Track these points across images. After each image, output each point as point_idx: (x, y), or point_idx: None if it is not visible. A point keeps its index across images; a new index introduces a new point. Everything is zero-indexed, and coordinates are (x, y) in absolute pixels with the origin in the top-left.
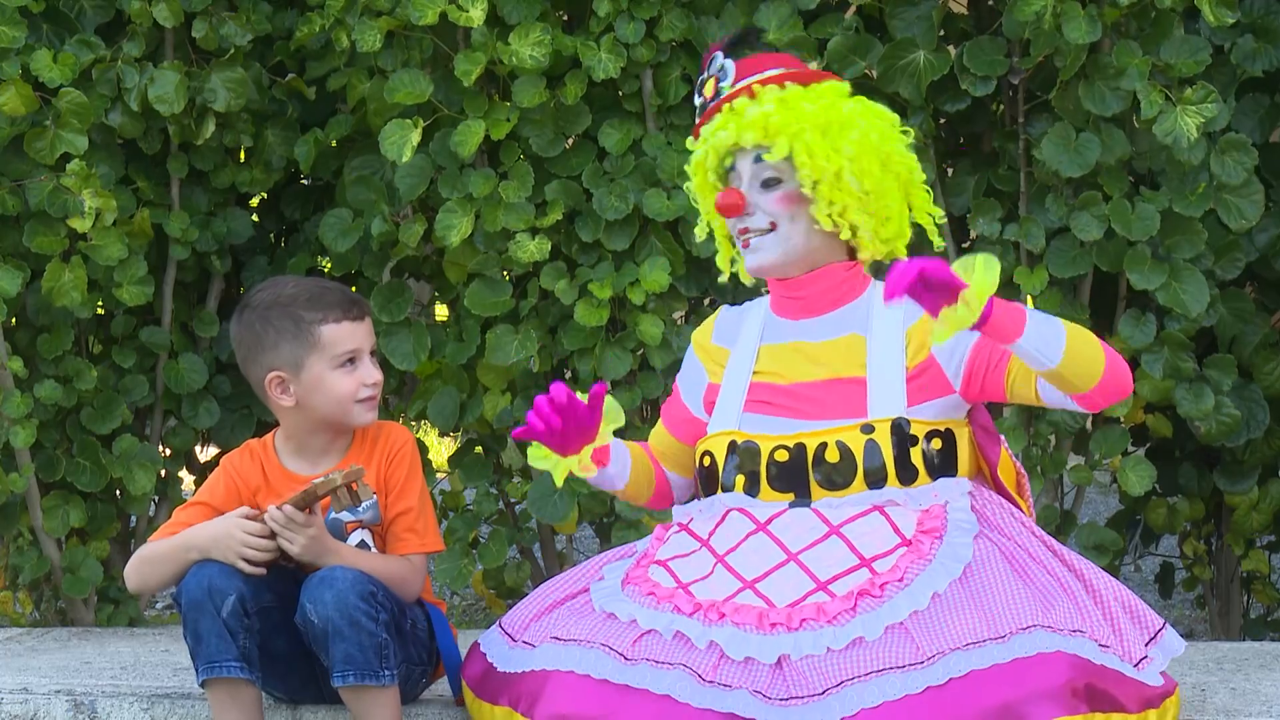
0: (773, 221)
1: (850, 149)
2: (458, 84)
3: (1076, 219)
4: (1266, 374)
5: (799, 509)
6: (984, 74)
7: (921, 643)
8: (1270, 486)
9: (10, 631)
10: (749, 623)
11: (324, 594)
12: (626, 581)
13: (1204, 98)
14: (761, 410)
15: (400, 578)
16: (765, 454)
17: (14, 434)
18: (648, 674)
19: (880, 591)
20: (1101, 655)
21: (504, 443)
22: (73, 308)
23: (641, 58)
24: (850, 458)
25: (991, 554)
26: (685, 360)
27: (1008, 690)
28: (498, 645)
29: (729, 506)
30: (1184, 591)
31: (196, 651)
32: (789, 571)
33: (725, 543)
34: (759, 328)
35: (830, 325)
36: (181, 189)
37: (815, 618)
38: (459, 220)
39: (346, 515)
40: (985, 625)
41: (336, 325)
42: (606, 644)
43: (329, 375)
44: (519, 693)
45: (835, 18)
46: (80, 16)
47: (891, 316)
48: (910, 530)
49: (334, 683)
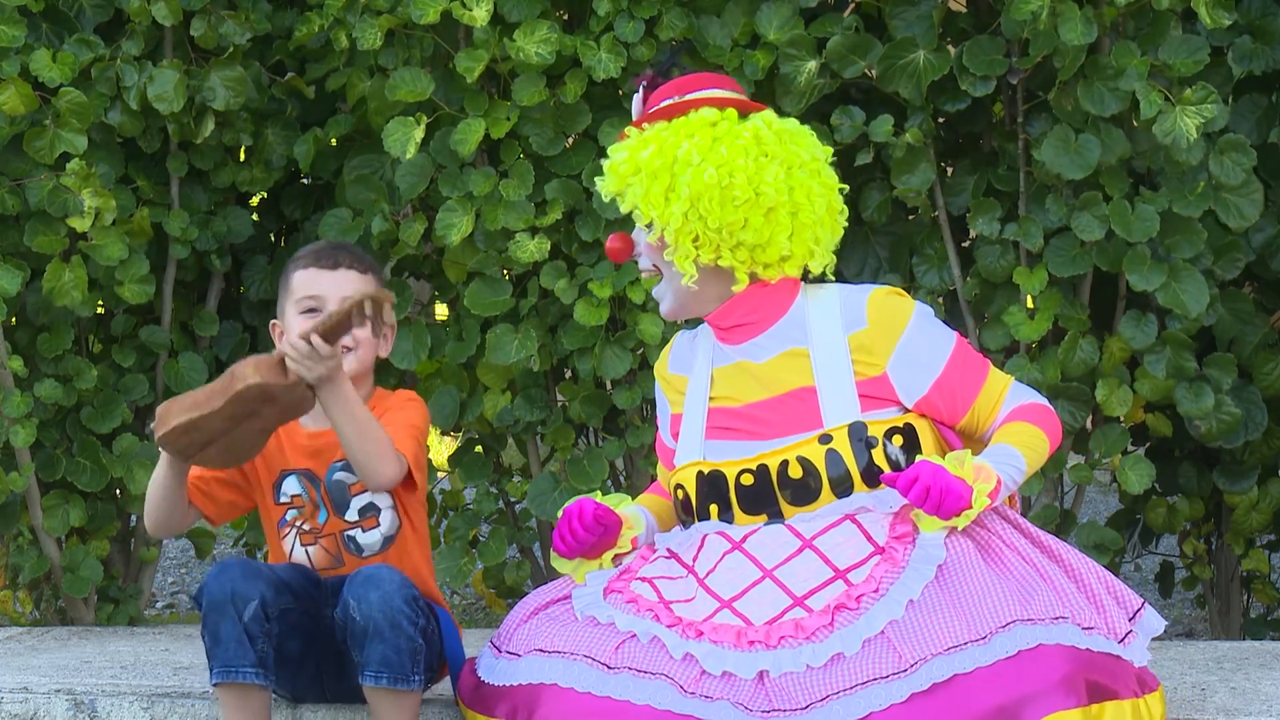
0: (655, 265)
1: (687, 190)
2: (458, 83)
3: (1078, 219)
4: (1266, 374)
5: (773, 525)
6: (983, 74)
7: (903, 650)
8: (1270, 486)
9: (10, 631)
10: (726, 640)
11: (369, 593)
12: (609, 590)
13: (1203, 98)
14: (722, 436)
15: (384, 447)
16: (731, 480)
17: (14, 433)
18: (630, 684)
19: (856, 604)
20: (1086, 639)
21: (504, 442)
22: (73, 307)
23: (642, 57)
24: (813, 471)
25: (965, 549)
26: (656, 394)
27: (996, 694)
28: (486, 658)
29: (705, 532)
30: (1184, 591)
31: (214, 653)
32: (765, 588)
33: (705, 565)
34: (710, 351)
35: (768, 344)
36: (181, 188)
37: (794, 635)
38: (459, 219)
39: (349, 476)
40: (965, 627)
41: (304, 271)
42: (589, 654)
43: (292, 321)
44: (514, 704)
45: (835, 17)
46: (79, 15)
47: (831, 325)
48: (883, 537)
49: (365, 682)
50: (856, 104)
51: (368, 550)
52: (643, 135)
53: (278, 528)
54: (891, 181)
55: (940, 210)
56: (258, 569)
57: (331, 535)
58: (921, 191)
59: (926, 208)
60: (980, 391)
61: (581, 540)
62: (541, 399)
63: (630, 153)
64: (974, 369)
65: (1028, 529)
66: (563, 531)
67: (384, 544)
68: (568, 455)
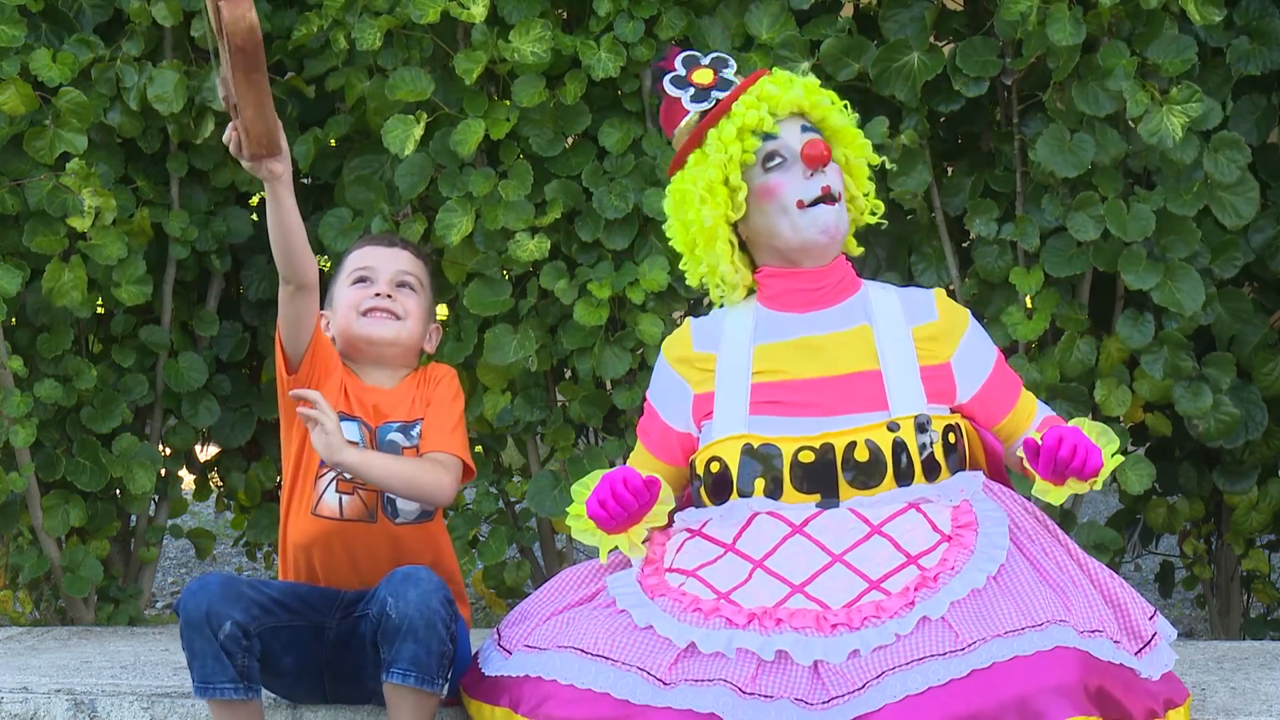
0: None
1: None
2: (457, 83)
3: (1073, 219)
4: (1265, 374)
5: (831, 509)
6: (976, 75)
7: (961, 631)
8: (1270, 486)
9: (10, 631)
10: (808, 626)
11: (408, 591)
12: (655, 593)
13: (1188, 97)
14: (771, 411)
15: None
16: (787, 456)
17: (14, 433)
18: (689, 694)
19: (934, 583)
20: (1115, 653)
21: (503, 442)
22: (72, 307)
23: (641, 57)
24: (879, 456)
25: (1013, 551)
26: (657, 380)
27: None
28: (494, 660)
29: (754, 510)
30: (1184, 591)
31: (191, 666)
32: (837, 572)
33: (759, 547)
34: (749, 329)
35: (839, 317)
36: (181, 188)
37: (876, 615)
38: (459, 219)
39: (402, 439)
40: (1020, 614)
41: (358, 250)
42: (644, 667)
43: (343, 292)
44: (520, 695)
45: (829, 19)
46: (79, 16)
47: (894, 312)
48: (948, 526)
49: (391, 679)
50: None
51: (403, 517)
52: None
53: (318, 466)
54: (888, 184)
55: (938, 211)
56: (238, 589)
57: (374, 491)
58: (918, 193)
59: (923, 209)
60: (1020, 397)
61: (627, 506)
62: (541, 399)
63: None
64: (1013, 377)
65: (1057, 532)
66: (604, 496)
67: (419, 516)
68: (568, 455)
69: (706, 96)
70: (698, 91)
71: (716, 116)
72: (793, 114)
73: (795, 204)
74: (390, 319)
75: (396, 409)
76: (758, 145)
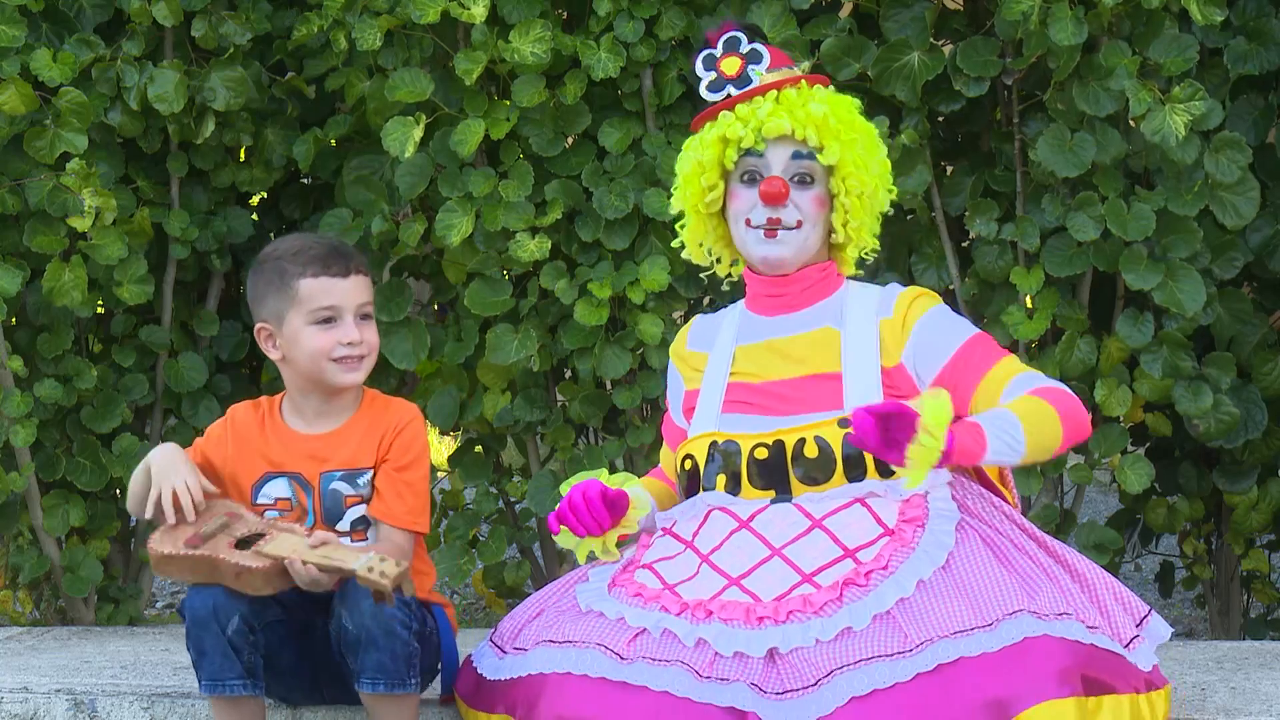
0: (799, 220)
1: (877, 168)
2: (457, 83)
3: (1073, 220)
4: (1265, 374)
5: (780, 504)
6: (977, 75)
7: (909, 630)
8: (1270, 486)
9: (10, 631)
10: (736, 618)
11: (361, 602)
12: (613, 584)
13: (1191, 95)
14: (739, 410)
15: None
16: (745, 453)
17: (14, 433)
18: (645, 671)
19: (866, 580)
20: (1090, 635)
21: (504, 442)
22: (73, 307)
23: (641, 57)
24: (829, 452)
25: (973, 541)
26: (667, 375)
27: (998, 682)
28: (488, 658)
29: (710, 506)
30: (1184, 591)
31: (199, 665)
32: (773, 566)
33: (709, 542)
34: (735, 329)
35: (804, 320)
36: (181, 188)
37: (802, 609)
38: (459, 219)
39: (346, 488)
40: (972, 613)
41: (314, 280)
42: (602, 643)
43: (305, 330)
44: (515, 699)
45: (829, 19)
46: (80, 15)
47: (865, 311)
48: (892, 520)
49: (362, 689)
50: None
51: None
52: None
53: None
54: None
55: (938, 210)
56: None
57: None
58: (918, 193)
59: (924, 209)
60: (987, 373)
61: (582, 518)
62: (541, 399)
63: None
64: (985, 356)
65: (1035, 532)
66: (563, 512)
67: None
68: (568, 455)
69: (722, 88)
70: (717, 79)
71: (715, 113)
72: (785, 136)
73: (745, 221)
74: (359, 363)
75: (339, 452)
76: (736, 157)
